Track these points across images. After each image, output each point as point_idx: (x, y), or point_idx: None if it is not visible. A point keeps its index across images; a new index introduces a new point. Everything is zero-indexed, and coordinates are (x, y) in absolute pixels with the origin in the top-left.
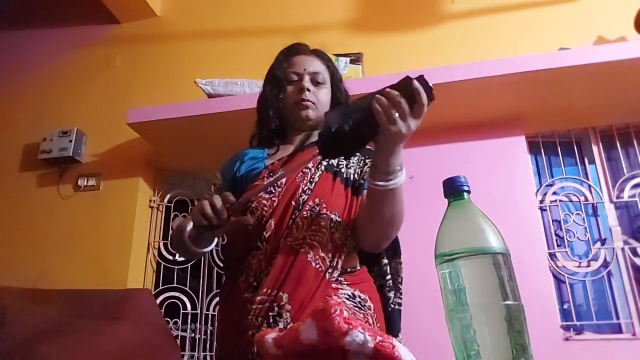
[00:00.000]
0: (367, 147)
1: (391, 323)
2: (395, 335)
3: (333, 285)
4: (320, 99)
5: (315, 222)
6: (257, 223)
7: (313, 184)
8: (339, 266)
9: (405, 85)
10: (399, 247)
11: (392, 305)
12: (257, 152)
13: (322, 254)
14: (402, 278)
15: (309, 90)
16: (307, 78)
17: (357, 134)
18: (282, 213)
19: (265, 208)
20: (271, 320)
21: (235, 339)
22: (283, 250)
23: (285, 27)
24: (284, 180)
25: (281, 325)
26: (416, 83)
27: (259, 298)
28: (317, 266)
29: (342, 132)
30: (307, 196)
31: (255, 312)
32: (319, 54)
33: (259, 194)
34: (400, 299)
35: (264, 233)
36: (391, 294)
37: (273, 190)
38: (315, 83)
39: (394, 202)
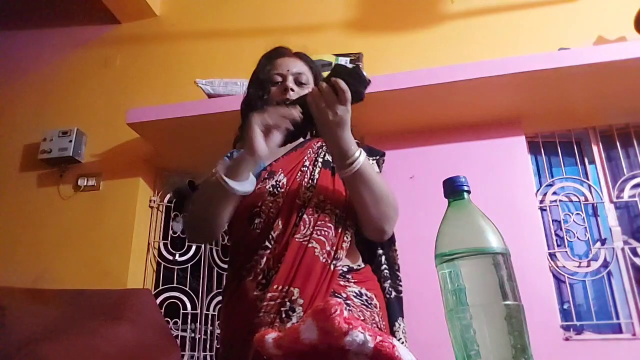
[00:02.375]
0: (357, 140)
1: (388, 311)
2: (393, 323)
3: (341, 282)
4: None
5: (320, 218)
6: (263, 225)
7: (314, 181)
8: (342, 256)
9: (330, 77)
10: (393, 235)
11: (388, 295)
12: None
13: (328, 248)
14: (398, 265)
15: (292, 90)
16: (290, 78)
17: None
18: (289, 212)
19: (272, 210)
20: (284, 316)
21: (246, 337)
22: (292, 247)
23: (285, 27)
24: (284, 180)
25: (294, 320)
26: (332, 79)
27: (269, 295)
28: (324, 260)
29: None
30: (311, 193)
31: (266, 309)
32: (302, 56)
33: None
34: (400, 285)
35: (272, 233)
36: (387, 284)
37: (276, 192)
38: (299, 83)
39: (366, 182)
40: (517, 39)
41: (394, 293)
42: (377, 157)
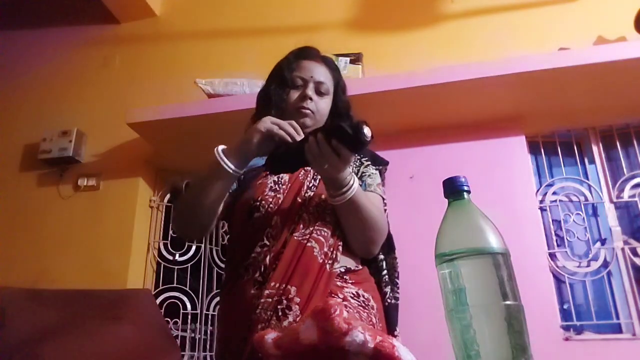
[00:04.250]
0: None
1: (388, 318)
2: (393, 330)
3: (338, 283)
4: (320, 108)
5: (321, 217)
6: (262, 220)
7: (317, 181)
8: (338, 258)
9: (330, 136)
10: (393, 243)
11: (389, 300)
12: None
13: (326, 249)
14: (398, 273)
15: (311, 99)
16: (311, 86)
17: (294, 160)
18: (288, 210)
19: (271, 205)
20: (280, 314)
21: (243, 335)
22: (290, 245)
23: (285, 27)
24: (287, 177)
25: (290, 319)
26: (334, 144)
27: (267, 292)
28: (321, 260)
29: (284, 155)
30: (312, 193)
31: (263, 306)
32: (328, 62)
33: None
34: (398, 293)
35: (270, 229)
36: (387, 289)
37: (277, 188)
38: (319, 92)
39: (357, 209)
40: (517, 39)
41: (393, 300)
42: (381, 167)
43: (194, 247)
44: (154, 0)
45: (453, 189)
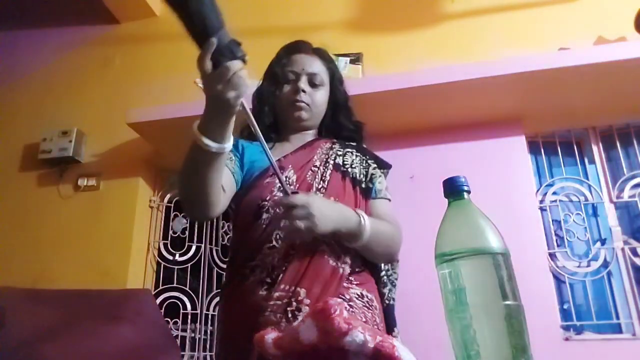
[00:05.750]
0: (365, 146)
1: (387, 318)
2: (392, 330)
3: (345, 284)
4: (315, 100)
5: None
6: (270, 221)
7: (326, 183)
8: (349, 261)
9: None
10: None
11: (387, 301)
12: (255, 147)
13: (338, 251)
14: (397, 275)
15: (304, 91)
16: (304, 79)
17: None
18: None
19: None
20: (290, 316)
21: (249, 336)
22: (300, 248)
23: (285, 27)
24: (294, 178)
25: (300, 320)
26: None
27: (276, 294)
28: (333, 263)
29: None
30: (322, 195)
31: (273, 309)
32: (320, 54)
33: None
34: (394, 294)
35: (278, 232)
36: (386, 290)
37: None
38: (312, 84)
39: (375, 240)
40: (517, 39)
41: (392, 300)
42: (386, 170)
43: (194, 247)
44: (154, 0)
45: (453, 189)
